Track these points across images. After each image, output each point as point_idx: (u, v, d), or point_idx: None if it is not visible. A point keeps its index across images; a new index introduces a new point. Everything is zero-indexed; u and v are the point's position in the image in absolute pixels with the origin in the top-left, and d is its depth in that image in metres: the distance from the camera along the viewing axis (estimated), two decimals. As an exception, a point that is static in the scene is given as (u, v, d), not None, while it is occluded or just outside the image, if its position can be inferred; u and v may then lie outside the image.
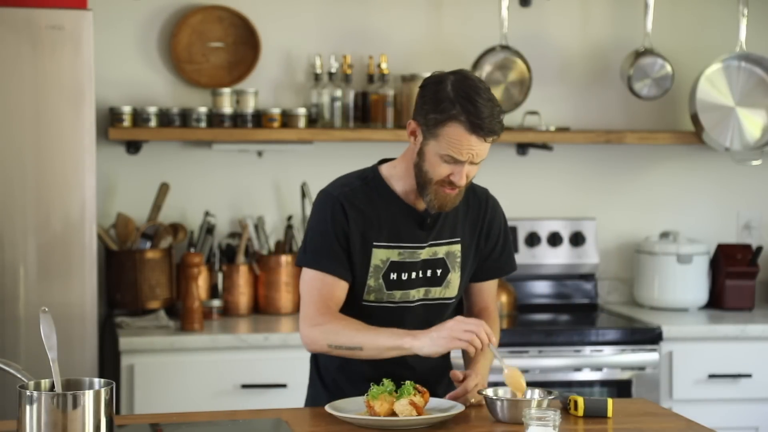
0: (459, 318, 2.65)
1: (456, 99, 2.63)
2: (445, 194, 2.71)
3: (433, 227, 2.81)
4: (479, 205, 2.87)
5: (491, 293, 2.96)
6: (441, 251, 2.82)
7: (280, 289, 4.31)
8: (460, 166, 2.67)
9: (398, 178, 2.79)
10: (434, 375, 2.84)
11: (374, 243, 2.77)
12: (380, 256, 2.77)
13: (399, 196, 2.80)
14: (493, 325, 2.89)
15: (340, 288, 2.76)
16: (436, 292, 2.82)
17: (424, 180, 2.72)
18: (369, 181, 2.81)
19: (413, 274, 2.79)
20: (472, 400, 2.71)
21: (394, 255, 2.78)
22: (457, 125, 2.63)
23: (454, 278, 2.83)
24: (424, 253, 2.80)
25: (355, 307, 2.80)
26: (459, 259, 2.83)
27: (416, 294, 2.81)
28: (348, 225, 2.76)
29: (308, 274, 2.78)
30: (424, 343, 2.62)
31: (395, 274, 2.78)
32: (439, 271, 2.82)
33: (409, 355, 2.70)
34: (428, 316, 2.81)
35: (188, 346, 3.92)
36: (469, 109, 2.62)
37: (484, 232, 2.87)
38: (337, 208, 2.76)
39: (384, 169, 2.83)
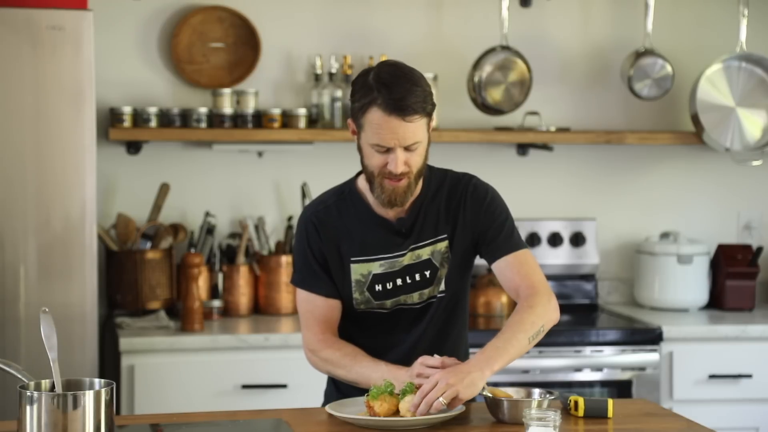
0: (422, 360, 2.60)
1: (374, 85, 2.64)
2: (391, 187, 2.68)
3: (411, 233, 2.78)
4: (460, 194, 2.82)
5: (518, 267, 2.77)
6: (425, 253, 2.79)
7: (280, 290, 4.31)
8: (392, 154, 2.65)
9: (369, 190, 2.78)
10: None
11: (351, 258, 2.78)
12: (360, 270, 2.78)
13: (372, 209, 2.79)
14: (520, 319, 2.68)
15: (330, 307, 2.80)
16: (427, 292, 2.81)
17: (368, 175, 2.71)
18: (345, 196, 2.82)
19: (398, 281, 2.78)
20: (442, 401, 2.52)
21: (375, 267, 2.78)
22: (375, 109, 2.63)
23: (442, 273, 2.81)
24: (407, 259, 2.78)
25: (350, 314, 2.82)
26: (447, 254, 2.80)
27: (408, 299, 2.80)
28: (323, 243, 2.79)
29: (300, 295, 2.84)
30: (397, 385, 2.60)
31: (380, 286, 2.78)
32: (427, 273, 2.79)
33: (411, 357, 2.69)
34: (423, 314, 2.80)
35: (188, 347, 3.92)
36: (384, 92, 2.62)
37: (468, 220, 2.80)
38: (311, 227, 2.80)
39: (359, 182, 2.83)
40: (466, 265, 2.85)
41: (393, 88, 2.62)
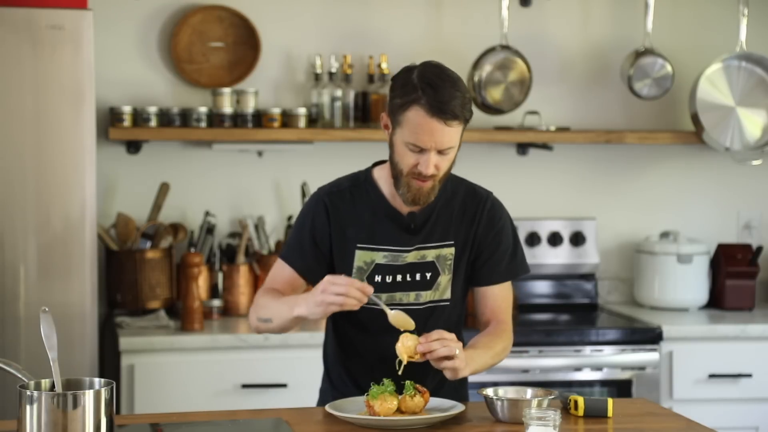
0: (329, 278, 2.61)
1: (419, 84, 2.64)
2: (417, 187, 2.69)
3: (420, 231, 2.79)
4: (476, 207, 2.84)
5: (497, 302, 2.85)
6: (430, 254, 2.79)
7: (280, 289, 4.30)
8: (425, 155, 2.65)
9: (385, 180, 2.80)
10: (421, 368, 2.76)
11: (357, 244, 2.78)
12: (363, 257, 2.78)
13: (386, 198, 2.80)
14: (493, 340, 2.78)
15: (292, 281, 2.83)
16: (426, 295, 2.80)
17: (396, 172, 2.72)
18: (360, 183, 2.83)
19: (398, 277, 2.78)
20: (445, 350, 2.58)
21: (378, 257, 2.78)
22: (417, 109, 2.62)
23: (444, 280, 2.81)
24: (411, 257, 2.78)
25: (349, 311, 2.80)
26: (450, 262, 2.81)
27: (404, 297, 2.79)
28: (329, 224, 2.80)
29: (278, 264, 2.88)
30: (306, 310, 2.64)
31: (380, 277, 2.77)
32: (428, 275, 2.79)
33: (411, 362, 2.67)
34: (423, 319, 2.78)
35: (188, 346, 3.92)
36: (430, 92, 2.62)
37: (478, 235, 2.83)
38: (320, 206, 2.81)
39: (376, 171, 2.84)
40: (467, 276, 2.86)
41: (438, 90, 2.62)
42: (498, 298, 2.86)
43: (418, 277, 2.79)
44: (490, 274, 2.85)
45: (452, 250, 2.81)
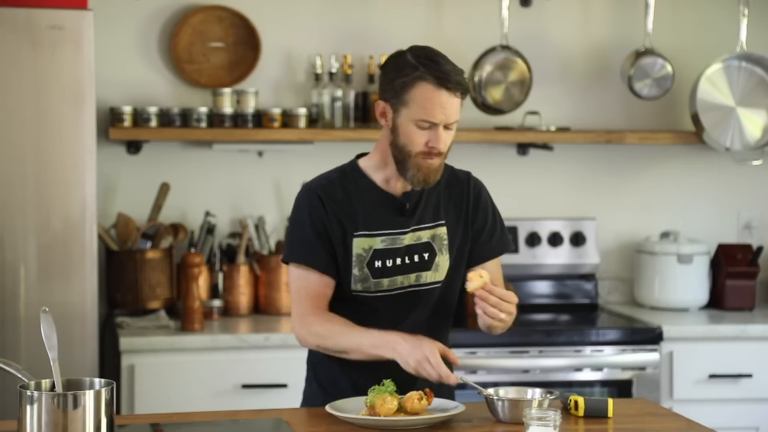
0: (426, 357, 2.60)
1: (417, 62, 2.69)
2: (427, 165, 2.71)
3: (414, 213, 2.81)
4: (461, 187, 2.87)
5: (493, 277, 2.84)
6: (425, 235, 2.81)
7: (280, 289, 4.31)
8: (435, 131, 2.69)
9: (375, 168, 2.81)
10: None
11: (354, 233, 2.78)
12: (361, 245, 2.78)
13: (377, 185, 2.81)
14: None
15: (324, 284, 2.78)
16: (427, 276, 2.81)
17: (403, 156, 2.73)
18: (347, 173, 2.84)
19: (398, 260, 2.79)
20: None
21: (376, 243, 2.78)
22: (424, 84, 2.67)
23: (442, 261, 2.82)
24: (408, 239, 2.80)
25: (346, 297, 2.80)
26: (446, 242, 2.83)
27: (405, 280, 2.80)
28: (327, 216, 2.78)
29: (294, 273, 2.80)
30: (398, 359, 2.63)
31: (380, 262, 2.78)
32: (426, 255, 2.81)
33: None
34: (419, 301, 2.81)
35: (188, 346, 3.92)
36: (432, 66, 2.68)
37: (470, 215, 2.86)
38: (315, 200, 2.79)
39: (361, 162, 2.86)
40: (463, 257, 2.87)
41: (438, 64, 2.69)
42: (493, 273, 2.87)
43: (416, 258, 2.81)
44: (482, 251, 2.88)
45: (444, 229, 2.83)
